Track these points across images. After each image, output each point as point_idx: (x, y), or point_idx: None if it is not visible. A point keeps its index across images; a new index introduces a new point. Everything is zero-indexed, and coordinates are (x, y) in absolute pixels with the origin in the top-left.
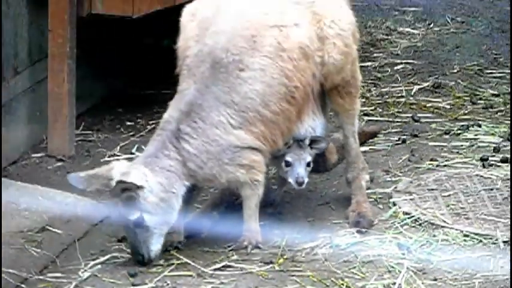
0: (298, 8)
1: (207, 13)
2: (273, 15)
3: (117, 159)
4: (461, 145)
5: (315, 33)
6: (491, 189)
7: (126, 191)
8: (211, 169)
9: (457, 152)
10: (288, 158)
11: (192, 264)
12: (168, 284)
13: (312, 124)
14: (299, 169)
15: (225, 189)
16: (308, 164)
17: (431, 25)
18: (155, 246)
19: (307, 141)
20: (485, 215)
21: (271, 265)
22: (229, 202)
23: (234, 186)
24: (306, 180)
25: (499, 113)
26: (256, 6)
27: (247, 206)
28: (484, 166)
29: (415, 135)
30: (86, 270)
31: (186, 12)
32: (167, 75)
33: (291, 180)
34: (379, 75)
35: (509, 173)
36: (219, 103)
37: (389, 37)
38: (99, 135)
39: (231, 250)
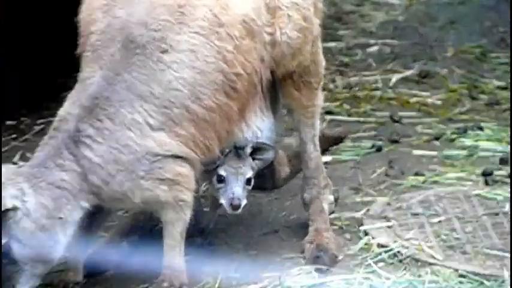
0: None
1: None
2: None
3: None
4: (457, 154)
5: (263, 3)
6: (497, 214)
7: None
8: (121, 185)
9: (451, 164)
10: (222, 172)
11: None
12: None
13: (260, 125)
14: (235, 187)
15: (139, 212)
16: (248, 181)
17: None
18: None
19: (248, 150)
20: (487, 248)
21: None
22: (145, 229)
23: (152, 208)
24: (244, 202)
25: (507, 112)
26: None
27: (169, 235)
28: (486, 183)
29: (395, 141)
30: None
31: None
32: (65, 58)
33: (223, 201)
34: (346, 59)
35: None
36: (133, 96)
37: (361, 9)
38: None
39: None
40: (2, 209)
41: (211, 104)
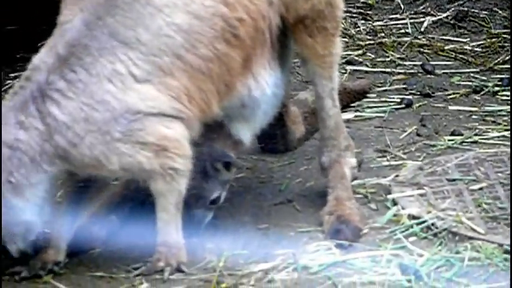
0: None
1: None
2: None
3: None
4: (500, 110)
5: None
6: None
7: None
8: (92, 148)
9: (493, 122)
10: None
11: None
12: None
13: (269, 80)
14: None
15: (131, 180)
16: (213, 201)
17: None
18: None
19: (219, 166)
20: None
21: None
22: (137, 200)
23: (138, 176)
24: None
25: None
26: None
27: (162, 208)
28: None
29: (427, 95)
30: None
31: None
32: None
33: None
34: (370, 0)
35: None
36: (116, 42)
37: None
38: None
39: (138, 276)
40: None
41: (209, 54)
